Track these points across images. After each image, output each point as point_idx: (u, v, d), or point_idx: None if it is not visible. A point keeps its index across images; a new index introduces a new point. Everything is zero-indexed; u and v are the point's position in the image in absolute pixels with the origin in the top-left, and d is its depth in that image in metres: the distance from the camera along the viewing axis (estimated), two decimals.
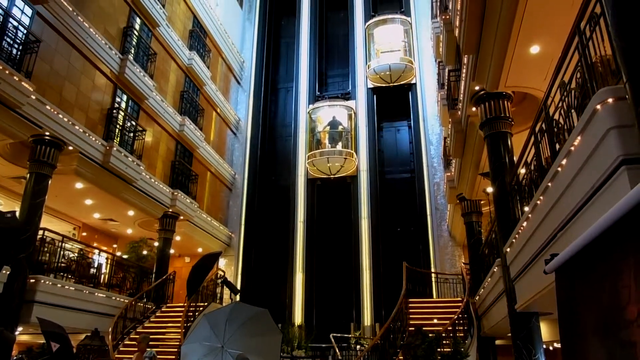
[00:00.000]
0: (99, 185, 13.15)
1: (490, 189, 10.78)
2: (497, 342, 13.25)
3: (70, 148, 11.75)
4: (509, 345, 11.31)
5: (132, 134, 14.83)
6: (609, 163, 3.80)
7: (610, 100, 3.92)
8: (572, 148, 4.64)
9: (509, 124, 9.19)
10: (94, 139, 12.52)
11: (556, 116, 5.86)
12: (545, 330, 9.09)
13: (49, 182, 11.27)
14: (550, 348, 12.35)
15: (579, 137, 4.45)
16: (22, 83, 10.17)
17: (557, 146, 5.74)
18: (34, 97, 10.61)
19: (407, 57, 21.09)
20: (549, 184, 5.51)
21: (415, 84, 20.97)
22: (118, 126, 14.21)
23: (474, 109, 9.90)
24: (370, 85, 21.33)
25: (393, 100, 21.43)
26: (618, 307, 2.24)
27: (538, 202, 6.08)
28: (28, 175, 11.18)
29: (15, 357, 9.65)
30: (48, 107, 11.09)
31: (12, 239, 5.34)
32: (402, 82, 20.90)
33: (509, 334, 8.60)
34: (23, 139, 11.00)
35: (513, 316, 8.13)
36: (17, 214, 10.48)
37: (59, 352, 7.68)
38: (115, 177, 13.42)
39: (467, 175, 13.05)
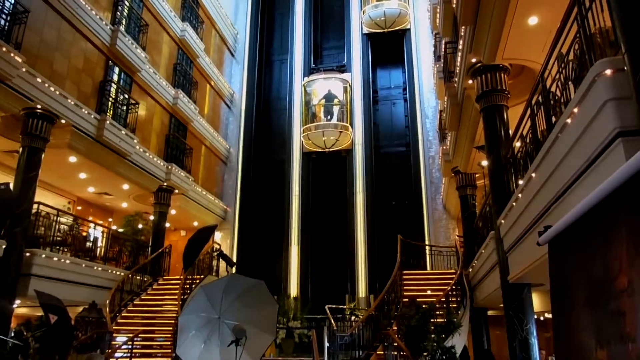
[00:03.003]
0: (93, 159, 13.06)
1: (485, 162, 10.82)
2: (489, 312, 13.51)
3: (63, 121, 11.61)
4: (500, 316, 11.54)
5: (125, 108, 14.67)
6: (605, 135, 3.80)
7: (608, 71, 3.89)
8: (569, 120, 4.63)
9: (505, 97, 9.15)
10: (86, 112, 12.37)
11: (553, 88, 5.84)
12: (537, 301, 9.25)
13: (42, 156, 11.18)
14: (541, 318, 12.59)
15: (575, 109, 4.44)
16: (12, 54, 9.98)
17: (554, 119, 5.74)
18: (24, 69, 10.42)
19: (402, 3, 21.00)
20: (544, 157, 5.52)
21: (409, 29, 20.92)
22: (111, 99, 14.03)
23: (470, 81, 9.83)
24: (365, 31, 21.40)
25: (387, 50, 21.51)
26: (609, 278, 2.27)
27: (533, 174, 6.10)
28: (21, 149, 11.07)
29: (14, 330, 9.74)
30: (39, 79, 10.91)
31: (5, 209, 5.33)
32: (396, 28, 21.00)
33: (501, 305, 8.76)
34: (14, 112, 10.86)
35: (506, 287, 8.26)
36: (11, 187, 10.43)
37: (57, 324, 7.76)
38: (109, 150, 13.32)
39: (463, 149, 13.05)
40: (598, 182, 2.58)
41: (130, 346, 9.88)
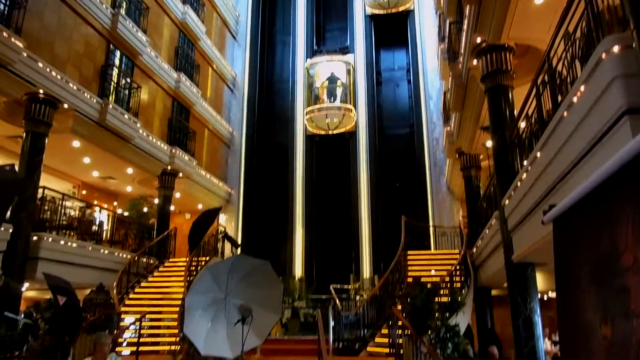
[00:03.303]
0: (96, 143, 13.08)
1: (489, 143, 10.76)
2: (493, 292, 13.60)
3: (66, 106, 11.61)
4: (504, 296, 11.61)
5: (127, 92, 14.63)
6: (612, 113, 3.77)
7: (616, 48, 3.85)
8: (575, 99, 4.59)
9: (510, 77, 9.06)
10: (88, 96, 12.35)
11: (559, 67, 5.77)
12: (541, 280, 9.28)
13: (46, 140, 11.21)
14: (545, 298, 12.68)
15: (582, 87, 4.40)
16: (12, 39, 9.92)
17: (559, 98, 5.69)
18: (25, 54, 10.38)
19: None
20: (550, 136, 5.49)
21: (413, 10, 20.68)
22: (113, 83, 13.99)
23: (475, 61, 9.74)
24: (368, 12, 21.14)
25: (391, 31, 21.32)
26: (614, 256, 2.28)
27: (538, 154, 6.08)
28: (24, 134, 11.10)
29: (23, 312, 9.87)
30: (40, 64, 10.87)
31: (11, 191, 5.37)
32: (400, 9, 20.75)
33: (505, 285, 8.81)
34: (17, 97, 10.85)
35: (509, 267, 8.30)
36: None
37: (66, 305, 7.86)
38: (112, 135, 13.33)
39: (467, 130, 12.99)
40: (604, 160, 2.57)
41: (138, 327, 10.01)
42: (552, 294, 12.53)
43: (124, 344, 10.76)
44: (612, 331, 2.39)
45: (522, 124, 7.94)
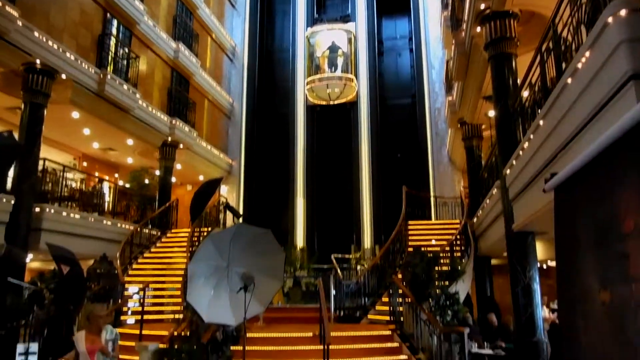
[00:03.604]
0: (96, 114, 13.00)
1: (492, 113, 10.68)
2: (493, 261, 13.73)
3: (63, 76, 11.48)
4: (503, 265, 11.73)
5: (125, 62, 14.45)
6: (617, 78, 3.70)
7: (623, 12, 3.75)
8: (580, 65, 4.52)
9: (514, 45, 8.90)
10: (86, 66, 12.19)
11: (564, 33, 5.66)
12: (540, 249, 9.35)
13: (45, 111, 11.14)
14: (544, 266, 12.79)
15: (587, 53, 4.32)
16: (7, 8, 9.74)
17: (564, 65, 5.60)
18: (20, 22, 10.20)
19: None
20: (553, 103, 5.42)
21: None
22: (111, 53, 13.80)
23: (478, 29, 9.55)
24: None
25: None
26: (615, 222, 2.27)
27: (541, 122, 6.02)
28: (23, 105, 11.02)
29: (28, 285, 10.01)
30: (36, 33, 10.70)
31: (9, 155, 5.38)
32: None
33: (505, 254, 8.88)
34: (14, 67, 10.73)
35: (510, 236, 8.34)
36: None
37: (69, 275, 7.96)
38: (112, 105, 13.23)
39: (469, 99, 12.86)
40: (608, 127, 2.54)
41: (141, 296, 10.15)
42: (552, 263, 12.65)
43: (129, 312, 10.94)
44: (611, 296, 2.41)
45: (525, 93, 7.85)
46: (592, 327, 2.16)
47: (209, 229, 14.22)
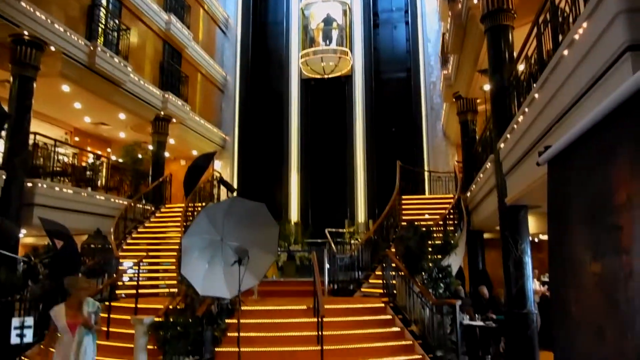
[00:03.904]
0: (87, 88, 12.80)
1: (487, 87, 10.61)
2: (485, 235, 13.85)
3: (52, 49, 11.24)
4: (496, 239, 11.84)
5: (116, 34, 14.16)
6: (614, 49, 3.66)
7: None
8: (577, 36, 4.46)
9: (511, 17, 8.78)
10: (76, 38, 11.93)
11: (562, 4, 5.58)
12: (532, 223, 9.43)
13: (34, 84, 10.94)
14: (536, 240, 12.94)
15: (584, 24, 4.26)
16: None
17: (560, 37, 5.54)
18: None
19: None
20: (549, 76, 5.38)
21: None
22: (101, 25, 13.50)
23: (475, 0, 9.41)
24: None
25: None
26: (608, 194, 2.27)
27: (536, 95, 5.99)
28: (12, 78, 10.82)
29: (21, 258, 10.01)
30: (23, 3, 10.41)
31: None
32: None
33: (497, 228, 8.95)
34: (1, 39, 10.48)
35: (503, 209, 8.39)
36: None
37: (63, 249, 7.96)
38: (103, 79, 13.00)
39: (465, 73, 12.77)
40: (603, 99, 2.51)
41: (136, 270, 10.19)
42: (543, 237, 12.78)
43: (124, 287, 10.99)
44: (602, 267, 2.42)
45: (521, 67, 7.79)
46: (583, 298, 2.17)
47: (203, 203, 14.22)
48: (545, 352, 7.98)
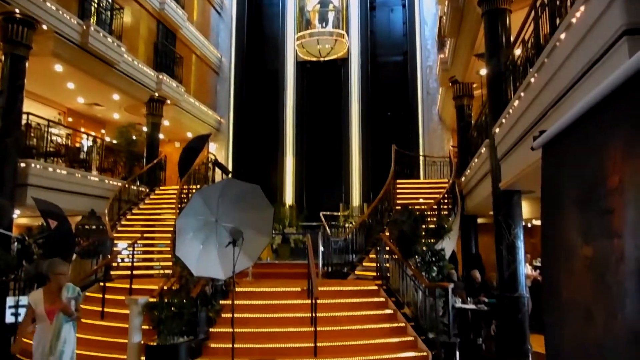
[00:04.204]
0: (80, 67, 12.64)
1: (484, 71, 10.57)
2: (479, 220, 13.96)
3: (44, 27, 11.06)
4: (489, 224, 11.93)
5: (109, 13, 13.94)
6: (610, 33, 3.65)
7: None
8: (574, 20, 4.44)
9: (508, 0, 8.72)
10: (68, 17, 11.74)
11: None
12: (526, 208, 9.51)
13: (26, 64, 10.80)
14: (529, 225, 13.04)
15: (582, 7, 4.23)
16: None
17: (558, 21, 5.50)
18: None
19: None
20: (545, 60, 5.37)
21: None
22: (93, 4, 13.29)
23: None
24: None
25: None
26: (601, 178, 2.28)
27: (532, 79, 5.97)
28: (3, 57, 10.67)
29: (15, 238, 9.98)
30: None
31: None
32: None
33: (491, 213, 9.01)
34: None
35: (496, 194, 8.44)
36: None
37: (57, 229, 7.94)
38: (96, 59, 12.84)
39: (461, 57, 12.70)
40: (599, 83, 2.51)
41: (131, 252, 10.20)
42: (536, 222, 12.88)
43: (118, 268, 11.00)
44: (594, 251, 2.44)
45: (518, 51, 7.75)
46: (574, 282, 2.19)
47: (198, 186, 14.20)
48: (536, 335, 8.10)
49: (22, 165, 10.63)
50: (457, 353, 7.34)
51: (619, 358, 1.61)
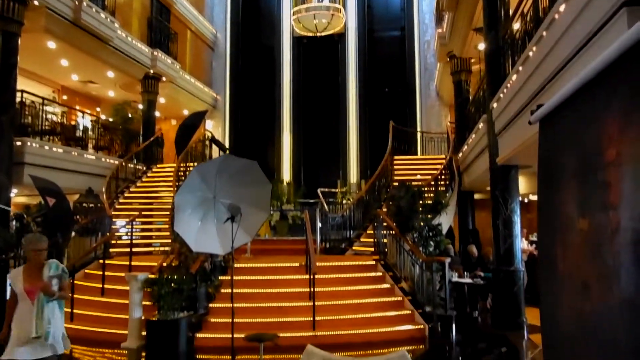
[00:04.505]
0: (73, 44, 12.46)
1: (482, 46, 10.46)
2: (476, 196, 14.01)
3: (36, 3, 10.85)
4: (486, 199, 11.97)
5: None
6: (609, 5, 3.60)
7: None
8: None
9: None
10: None
11: None
12: (522, 184, 9.55)
13: (19, 41, 10.63)
14: (525, 200, 13.11)
15: None
16: None
17: None
18: None
19: None
20: (544, 33, 5.31)
21: None
22: None
23: None
24: None
25: None
26: (598, 151, 2.29)
27: (530, 53, 5.93)
28: None
29: (14, 215, 10.01)
30: None
31: None
32: None
33: (488, 188, 9.04)
34: None
35: (494, 169, 8.46)
36: None
37: (55, 206, 7.95)
38: (89, 35, 12.63)
39: (459, 31, 12.54)
40: (597, 56, 2.49)
41: (130, 229, 10.25)
42: (533, 197, 12.95)
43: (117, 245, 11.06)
44: (589, 224, 2.46)
45: (516, 25, 7.66)
46: (570, 255, 2.21)
47: (195, 163, 14.17)
48: (531, 309, 8.23)
49: (18, 143, 10.57)
50: (454, 326, 7.47)
51: (614, 328, 1.64)
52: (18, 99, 11.04)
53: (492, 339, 7.66)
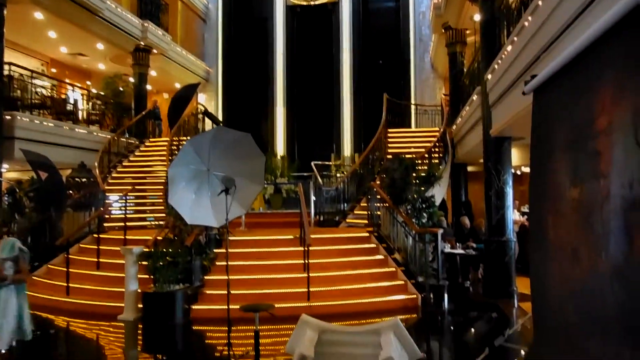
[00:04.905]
0: (61, 15, 12.20)
1: (477, 16, 10.34)
2: (469, 168, 14.07)
3: None
4: (479, 172, 12.02)
5: None
6: None
7: None
8: None
9: None
10: None
11: None
12: (515, 155, 9.58)
13: (4, 11, 10.39)
14: (518, 172, 13.17)
15: None
16: None
17: None
18: None
19: None
20: (540, 2, 5.25)
21: None
22: None
23: None
24: None
25: None
26: (590, 120, 2.29)
27: (526, 23, 5.87)
28: None
29: (6, 190, 9.95)
30: None
31: None
32: None
33: (481, 160, 9.07)
34: None
35: (487, 141, 8.48)
36: None
37: (48, 180, 7.91)
38: (78, 6, 12.33)
39: (455, 1, 12.37)
40: (592, 25, 2.46)
41: (124, 204, 10.23)
42: (525, 169, 13.01)
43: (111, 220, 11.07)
44: (580, 192, 2.49)
45: None
46: (560, 223, 2.24)
47: (188, 138, 14.08)
48: (521, 278, 8.38)
49: (8, 117, 10.44)
50: (446, 295, 7.60)
51: (603, 294, 1.67)
52: (6, 72, 10.87)
53: (483, 307, 7.81)
